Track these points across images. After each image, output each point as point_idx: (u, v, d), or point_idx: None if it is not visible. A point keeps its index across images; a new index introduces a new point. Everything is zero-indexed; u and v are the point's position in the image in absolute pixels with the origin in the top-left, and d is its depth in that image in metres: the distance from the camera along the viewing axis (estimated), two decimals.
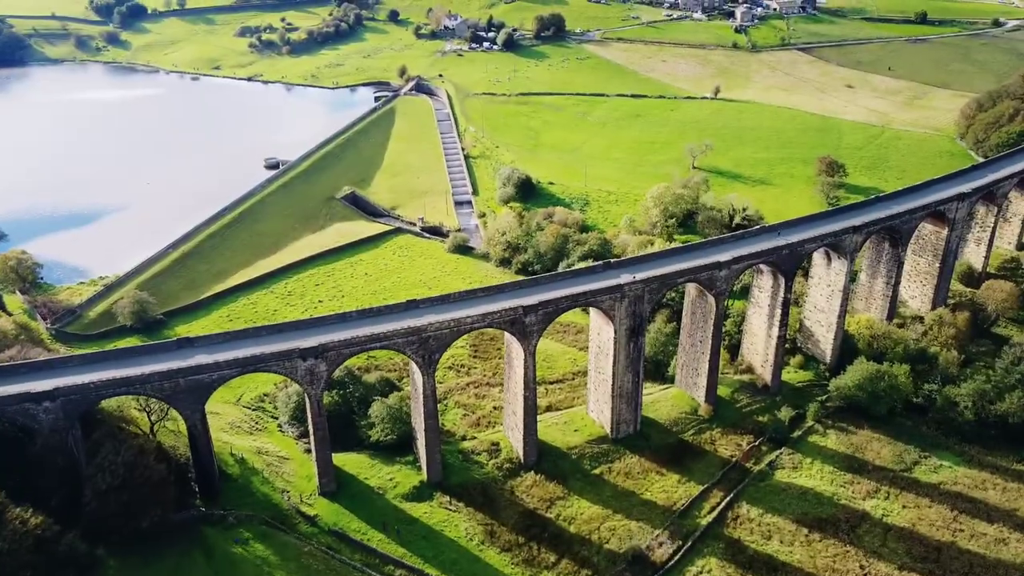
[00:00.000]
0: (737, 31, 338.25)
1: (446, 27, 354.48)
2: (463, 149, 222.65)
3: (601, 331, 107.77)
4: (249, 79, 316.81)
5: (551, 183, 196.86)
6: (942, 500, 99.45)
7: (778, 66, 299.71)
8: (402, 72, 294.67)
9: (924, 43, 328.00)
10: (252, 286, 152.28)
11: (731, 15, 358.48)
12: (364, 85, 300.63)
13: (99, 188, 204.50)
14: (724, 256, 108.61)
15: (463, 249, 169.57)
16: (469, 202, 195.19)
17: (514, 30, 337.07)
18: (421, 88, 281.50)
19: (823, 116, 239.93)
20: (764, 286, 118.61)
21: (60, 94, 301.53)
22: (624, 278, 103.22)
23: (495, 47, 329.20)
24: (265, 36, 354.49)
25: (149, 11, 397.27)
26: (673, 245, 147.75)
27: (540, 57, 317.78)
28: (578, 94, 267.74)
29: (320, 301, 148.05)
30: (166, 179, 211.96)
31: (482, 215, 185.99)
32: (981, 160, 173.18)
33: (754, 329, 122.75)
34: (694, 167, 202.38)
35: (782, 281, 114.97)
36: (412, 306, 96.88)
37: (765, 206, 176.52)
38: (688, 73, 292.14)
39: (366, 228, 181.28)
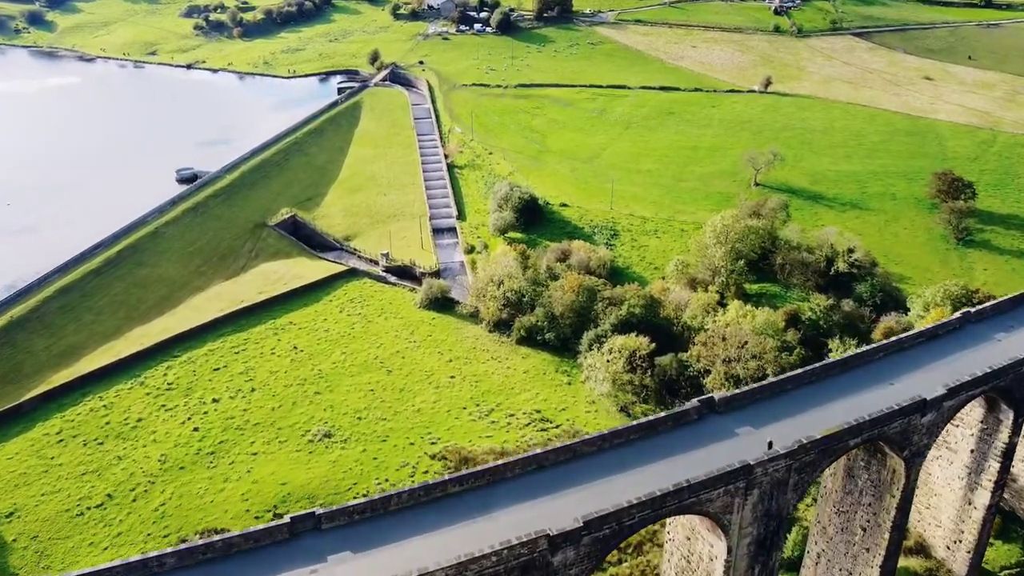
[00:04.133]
0: (777, 13, 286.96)
1: (429, 6, 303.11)
2: (446, 156, 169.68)
3: (697, 539, 55.16)
4: (189, 66, 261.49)
5: (563, 205, 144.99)
6: None
7: (833, 54, 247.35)
8: (374, 58, 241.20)
9: (998, 28, 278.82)
10: (115, 372, 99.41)
11: None
12: (328, 73, 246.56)
13: None
14: (930, 387, 56.69)
15: (442, 304, 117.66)
16: (453, 229, 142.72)
17: (511, 10, 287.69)
18: (396, 78, 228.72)
19: (909, 116, 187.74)
20: (968, 421, 67.16)
21: None
22: (747, 446, 50.88)
23: (488, 29, 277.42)
24: (214, 16, 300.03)
25: None
26: (749, 309, 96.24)
27: (543, 42, 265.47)
28: (592, 86, 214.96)
29: (215, 400, 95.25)
30: (40, 199, 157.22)
31: (471, 249, 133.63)
32: None
33: (937, 487, 71.85)
34: (756, 183, 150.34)
35: (1007, 416, 63.97)
36: (309, 527, 44.35)
37: (869, 242, 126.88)
38: (726, 61, 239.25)
39: (306, 269, 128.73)
